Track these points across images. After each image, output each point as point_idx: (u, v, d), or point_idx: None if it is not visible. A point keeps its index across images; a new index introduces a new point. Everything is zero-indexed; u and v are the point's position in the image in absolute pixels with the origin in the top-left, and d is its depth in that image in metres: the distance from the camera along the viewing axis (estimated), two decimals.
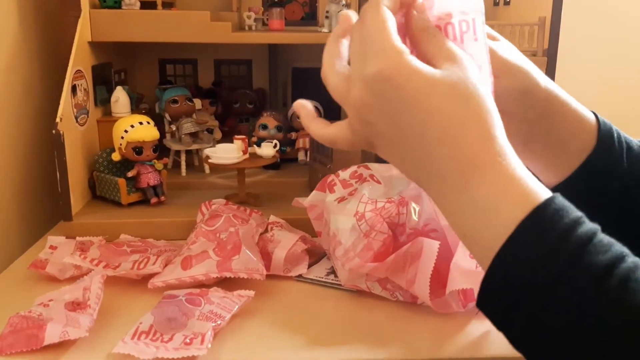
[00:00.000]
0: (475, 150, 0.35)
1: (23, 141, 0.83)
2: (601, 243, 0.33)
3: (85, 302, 0.54)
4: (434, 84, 0.35)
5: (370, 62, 0.36)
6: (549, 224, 0.33)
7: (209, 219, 0.66)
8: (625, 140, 0.50)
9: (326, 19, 0.85)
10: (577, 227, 0.33)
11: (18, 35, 0.82)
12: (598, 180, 0.50)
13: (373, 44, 0.36)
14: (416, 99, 0.35)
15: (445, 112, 0.35)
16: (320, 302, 0.59)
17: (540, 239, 0.33)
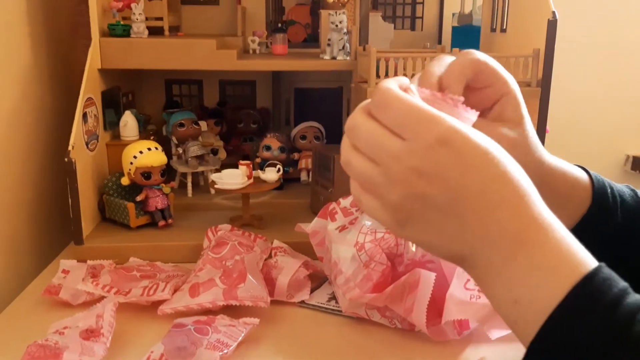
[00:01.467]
0: (534, 213, 0.36)
1: (35, 165, 0.86)
2: None
3: (98, 330, 0.56)
4: (490, 149, 0.36)
5: (424, 132, 0.36)
6: (598, 293, 0.34)
7: (215, 246, 0.68)
8: (619, 194, 0.53)
9: (328, 46, 0.87)
10: (625, 297, 0.35)
11: (31, 62, 0.84)
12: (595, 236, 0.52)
13: (416, 117, 0.36)
14: (477, 164, 0.36)
15: (505, 177, 0.36)
16: (322, 328, 0.62)
17: (590, 308, 0.34)
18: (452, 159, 0.36)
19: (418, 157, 0.36)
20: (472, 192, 0.36)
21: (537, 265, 0.36)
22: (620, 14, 1.31)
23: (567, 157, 1.46)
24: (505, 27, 0.87)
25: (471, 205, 0.36)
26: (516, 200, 0.37)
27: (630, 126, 1.38)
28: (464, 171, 0.36)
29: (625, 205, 0.52)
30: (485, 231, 0.37)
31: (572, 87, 1.32)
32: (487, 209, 0.36)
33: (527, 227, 0.36)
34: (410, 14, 1.18)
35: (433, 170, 0.36)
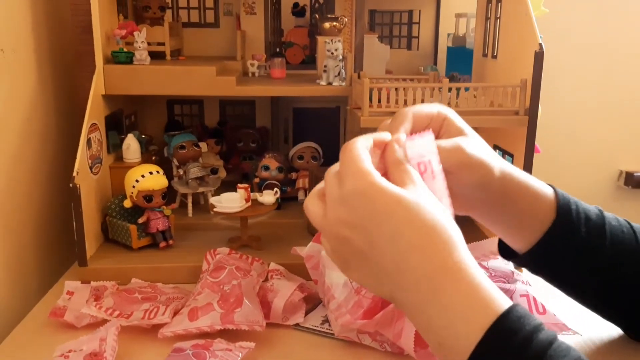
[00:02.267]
0: (444, 257, 0.40)
1: (40, 187, 0.89)
2: (560, 348, 0.38)
3: (102, 354, 0.59)
4: (403, 199, 0.40)
5: (347, 182, 0.41)
6: (511, 332, 0.38)
7: (214, 270, 0.71)
8: (584, 212, 0.56)
9: (324, 72, 0.90)
10: (537, 334, 0.38)
11: (36, 88, 0.88)
12: (558, 249, 0.56)
13: (349, 168, 0.42)
14: (388, 212, 0.40)
15: (415, 223, 0.40)
16: (315, 351, 0.64)
17: (506, 345, 0.38)
18: (368, 208, 0.40)
19: (344, 205, 0.41)
20: (385, 238, 0.41)
21: (452, 309, 0.39)
22: (613, 30, 1.33)
23: (560, 173, 1.50)
24: (495, 53, 0.90)
25: (385, 251, 0.41)
26: (426, 245, 0.40)
27: (623, 142, 1.40)
28: (378, 219, 0.40)
29: (589, 222, 0.56)
30: (399, 276, 0.41)
31: (565, 104, 1.35)
32: (399, 254, 0.40)
33: (437, 272, 0.40)
34: (406, 34, 1.21)
35: (353, 218, 0.41)
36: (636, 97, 1.38)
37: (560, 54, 1.30)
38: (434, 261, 0.40)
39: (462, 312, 0.39)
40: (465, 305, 0.39)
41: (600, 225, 0.57)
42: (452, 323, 0.39)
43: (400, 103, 0.79)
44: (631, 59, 1.36)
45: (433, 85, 0.79)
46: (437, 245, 0.40)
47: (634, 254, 0.57)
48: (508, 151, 0.85)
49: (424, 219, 0.40)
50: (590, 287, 0.59)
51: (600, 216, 0.58)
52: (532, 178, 0.56)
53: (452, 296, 0.39)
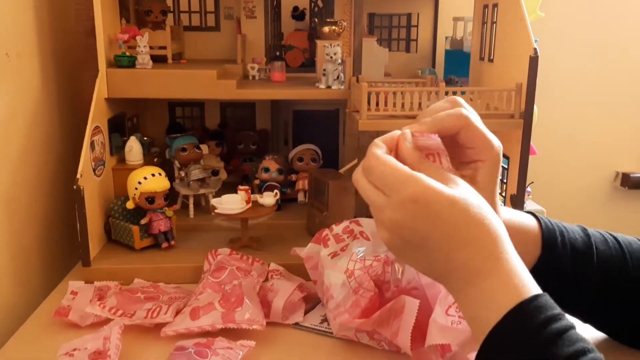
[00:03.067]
0: (491, 249, 0.44)
1: (44, 189, 0.90)
2: (570, 338, 0.41)
3: (105, 352, 0.60)
4: (456, 200, 0.44)
5: (398, 190, 0.44)
6: (529, 317, 0.42)
7: (215, 270, 0.73)
8: (569, 241, 0.58)
9: (323, 75, 0.92)
10: (552, 323, 0.41)
11: (40, 92, 0.89)
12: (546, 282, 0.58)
13: (394, 177, 0.45)
14: (438, 213, 0.44)
15: (469, 221, 0.44)
16: (314, 349, 0.66)
17: (519, 330, 0.42)
18: (422, 213, 0.44)
19: (396, 211, 0.44)
20: (440, 236, 0.44)
21: (489, 292, 0.44)
22: (610, 33, 1.35)
23: (557, 174, 1.51)
24: (492, 57, 0.91)
25: (437, 246, 0.45)
26: (477, 240, 0.44)
27: (620, 143, 1.42)
28: (431, 222, 0.44)
29: (576, 252, 0.58)
30: (449, 263, 0.45)
31: (562, 105, 1.36)
32: (452, 249, 0.44)
33: (484, 263, 0.44)
34: (405, 37, 1.23)
35: (407, 221, 0.44)
36: (633, 98, 1.40)
37: (557, 56, 1.32)
38: (482, 254, 0.44)
39: (495, 294, 0.43)
40: (498, 290, 0.43)
41: (588, 252, 0.59)
42: (484, 303, 0.44)
43: (397, 106, 0.80)
44: (628, 61, 1.37)
45: (430, 89, 0.80)
46: (487, 239, 0.44)
47: (622, 273, 0.59)
48: (504, 153, 0.87)
49: (476, 217, 0.44)
50: (582, 306, 0.61)
51: (587, 242, 0.60)
52: (517, 215, 0.59)
53: (491, 282, 0.44)
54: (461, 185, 0.46)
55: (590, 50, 1.36)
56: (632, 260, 0.59)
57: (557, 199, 1.28)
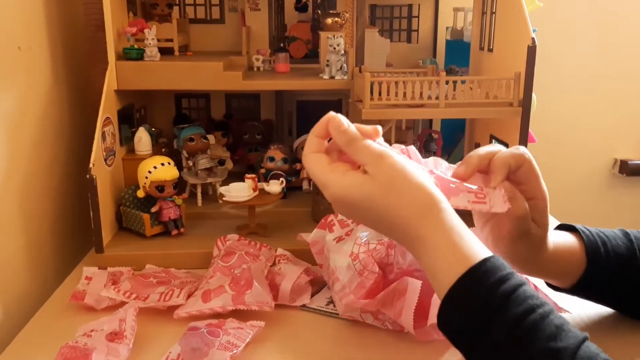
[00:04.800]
0: (416, 229, 0.47)
1: (56, 179, 0.93)
2: (518, 297, 0.44)
3: (122, 333, 0.63)
4: (368, 189, 0.48)
5: (325, 193, 0.51)
6: (479, 281, 0.44)
7: (225, 255, 0.75)
8: (612, 250, 0.61)
9: (327, 66, 0.94)
10: (502, 284, 0.44)
11: (51, 85, 0.92)
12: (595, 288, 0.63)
13: (320, 182, 0.51)
14: (365, 205, 0.49)
15: (387, 205, 0.48)
16: (321, 329, 0.69)
17: (471, 293, 0.44)
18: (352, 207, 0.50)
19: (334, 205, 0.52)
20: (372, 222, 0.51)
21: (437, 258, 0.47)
22: (609, 21, 1.37)
23: (556, 161, 1.54)
24: (492, 47, 0.93)
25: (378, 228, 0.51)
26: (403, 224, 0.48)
27: (618, 130, 1.44)
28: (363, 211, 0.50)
29: (620, 257, 0.61)
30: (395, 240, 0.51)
31: (561, 94, 1.38)
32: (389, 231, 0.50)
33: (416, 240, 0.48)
34: (406, 27, 1.24)
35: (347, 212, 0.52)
36: (631, 86, 1.41)
37: (556, 45, 1.34)
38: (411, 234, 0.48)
39: (440, 267, 0.46)
40: (442, 261, 0.46)
41: (632, 255, 0.62)
42: (434, 275, 0.47)
43: (400, 96, 0.82)
44: (626, 49, 1.39)
45: (431, 79, 0.83)
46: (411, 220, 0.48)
47: None
48: (504, 141, 0.89)
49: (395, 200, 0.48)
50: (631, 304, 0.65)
51: (630, 247, 0.63)
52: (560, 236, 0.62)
53: (430, 257, 0.47)
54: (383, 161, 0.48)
55: (588, 39, 1.37)
56: None
57: (555, 186, 1.30)
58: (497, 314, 0.43)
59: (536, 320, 0.42)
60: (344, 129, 0.51)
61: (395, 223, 0.48)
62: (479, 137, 1.00)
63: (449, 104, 0.83)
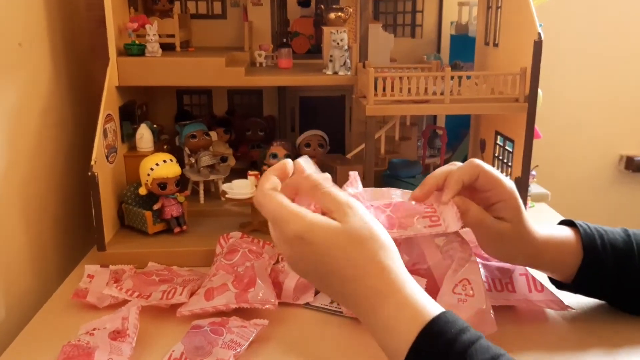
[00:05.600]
0: (375, 282, 0.47)
1: (58, 176, 0.92)
2: (481, 347, 0.44)
3: (124, 331, 0.63)
4: (336, 235, 0.47)
5: (285, 229, 0.48)
6: (440, 333, 0.44)
7: (228, 253, 0.75)
8: (609, 242, 0.62)
9: (330, 62, 0.93)
10: (462, 335, 0.44)
11: (52, 82, 0.91)
12: (593, 282, 0.63)
13: (280, 217, 0.48)
14: (325, 250, 0.48)
15: (349, 257, 0.47)
16: (324, 327, 0.68)
17: (433, 347, 0.44)
18: (309, 250, 0.48)
19: (286, 247, 0.50)
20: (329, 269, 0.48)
21: (387, 322, 0.46)
22: (617, 15, 1.35)
23: (562, 158, 1.53)
24: (497, 42, 0.92)
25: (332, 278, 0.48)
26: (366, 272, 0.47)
27: (624, 127, 1.43)
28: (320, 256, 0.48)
29: (617, 251, 0.62)
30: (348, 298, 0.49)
31: (566, 90, 1.37)
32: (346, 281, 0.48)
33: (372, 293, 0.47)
34: (410, 22, 1.23)
35: (297, 256, 0.49)
36: (638, 82, 1.40)
37: (562, 40, 1.33)
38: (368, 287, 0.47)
39: (396, 323, 0.46)
40: (399, 317, 0.46)
41: (629, 249, 0.63)
42: (389, 332, 0.47)
43: (404, 91, 0.82)
44: (633, 45, 1.38)
45: (436, 74, 0.82)
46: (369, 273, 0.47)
47: None
48: (509, 137, 0.88)
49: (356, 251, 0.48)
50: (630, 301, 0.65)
51: (627, 241, 0.63)
52: (556, 230, 0.63)
53: (386, 312, 0.47)
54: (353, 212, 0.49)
55: (595, 34, 1.36)
56: None
57: (561, 182, 1.30)
58: None
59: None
60: (306, 174, 0.52)
61: (351, 275, 0.47)
62: (484, 134, 0.99)
63: (454, 99, 0.82)
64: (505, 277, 0.70)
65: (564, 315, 0.68)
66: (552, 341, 0.64)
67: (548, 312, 0.69)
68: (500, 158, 0.92)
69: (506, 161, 0.89)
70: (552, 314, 0.69)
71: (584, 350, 0.62)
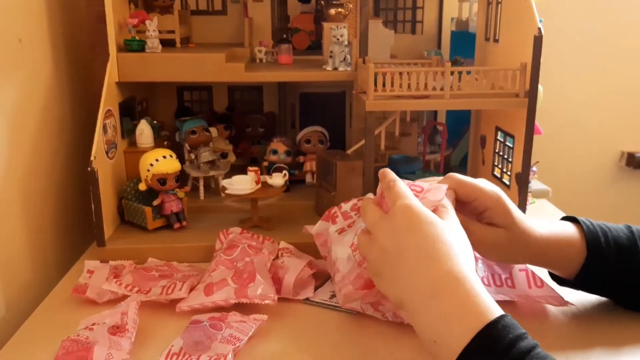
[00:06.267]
0: (449, 266, 0.48)
1: (58, 172, 0.92)
2: (538, 355, 0.43)
3: (124, 326, 0.63)
4: (430, 222, 0.51)
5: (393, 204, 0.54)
6: (497, 338, 0.44)
7: (227, 248, 0.75)
8: (613, 239, 0.62)
9: (330, 58, 0.93)
10: (520, 342, 0.43)
11: (52, 78, 0.91)
12: (596, 278, 0.63)
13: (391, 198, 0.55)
14: (415, 228, 0.50)
15: (430, 242, 0.49)
16: (324, 323, 0.68)
17: (490, 350, 0.43)
18: (404, 222, 0.51)
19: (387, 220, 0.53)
20: (411, 245, 0.50)
21: (450, 313, 0.46)
22: (618, 10, 1.35)
23: (563, 154, 1.52)
24: (497, 37, 0.92)
25: (407, 257, 0.50)
26: (439, 256, 0.49)
27: (625, 123, 1.43)
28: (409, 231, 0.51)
29: (620, 247, 0.62)
30: (412, 279, 0.49)
31: (567, 86, 1.37)
32: (416, 261, 0.49)
33: (442, 278, 0.48)
34: (410, 19, 1.23)
35: (392, 229, 0.52)
36: (639, 78, 1.40)
37: (563, 36, 1.32)
38: (441, 269, 0.48)
39: (458, 315, 0.46)
40: (462, 309, 0.46)
41: (633, 246, 0.63)
42: (448, 324, 0.46)
43: (404, 87, 0.81)
44: (634, 42, 1.37)
45: (436, 70, 0.82)
46: (447, 257, 0.49)
47: None
48: (509, 132, 0.88)
49: (442, 238, 0.50)
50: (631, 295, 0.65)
51: (631, 238, 0.63)
52: (558, 227, 0.63)
53: (451, 300, 0.47)
54: (452, 219, 0.53)
55: (596, 30, 1.36)
56: None
57: (562, 179, 1.29)
58: None
59: None
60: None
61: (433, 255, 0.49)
62: (485, 130, 0.98)
63: (454, 94, 0.82)
64: (505, 272, 0.70)
65: (563, 311, 0.68)
66: (552, 337, 0.64)
67: (548, 308, 0.69)
68: (500, 154, 0.92)
69: (506, 157, 0.89)
70: (552, 309, 0.69)
71: (584, 346, 0.62)
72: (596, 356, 0.61)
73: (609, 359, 0.60)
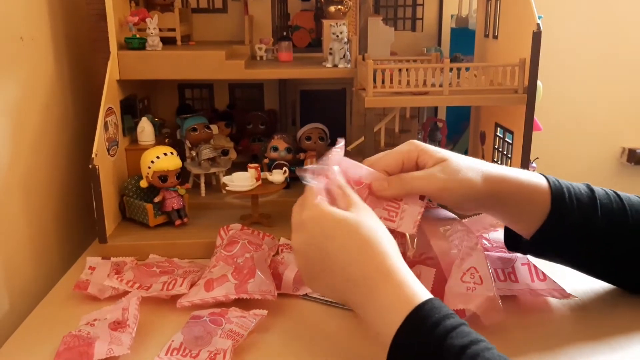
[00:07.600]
0: (373, 267, 0.51)
1: (60, 169, 0.93)
2: (462, 332, 0.46)
3: (125, 322, 0.63)
4: (342, 221, 0.54)
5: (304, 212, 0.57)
6: (424, 317, 0.47)
7: (227, 244, 0.75)
8: (575, 196, 0.62)
9: (330, 55, 0.93)
10: (445, 321, 0.47)
11: (54, 75, 0.91)
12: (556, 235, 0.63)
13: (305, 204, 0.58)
14: (332, 233, 0.53)
15: (351, 242, 0.52)
16: (323, 318, 0.68)
17: (418, 329, 0.47)
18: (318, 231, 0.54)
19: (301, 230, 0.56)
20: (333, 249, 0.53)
21: (383, 303, 0.50)
22: (617, 6, 1.35)
23: (563, 150, 1.52)
24: (496, 34, 0.92)
25: (334, 261, 0.53)
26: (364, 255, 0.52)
27: (625, 119, 1.42)
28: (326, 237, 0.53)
29: (582, 206, 0.62)
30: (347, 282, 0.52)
31: (568, 82, 1.37)
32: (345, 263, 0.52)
33: (372, 275, 0.51)
34: (410, 16, 1.23)
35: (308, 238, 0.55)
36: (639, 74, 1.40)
37: (562, 31, 1.32)
38: (370, 267, 0.51)
39: (389, 304, 0.49)
40: (393, 299, 0.49)
41: (592, 204, 0.63)
42: (382, 314, 0.49)
43: (403, 83, 0.82)
44: (635, 36, 1.37)
45: (435, 66, 0.82)
46: (372, 254, 0.52)
47: (624, 223, 0.63)
48: (508, 128, 0.88)
49: (362, 235, 0.53)
50: (590, 260, 0.66)
51: (591, 196, 0.64)
52: (524, 174, 0.62)
53: (383, 293, 0.50)
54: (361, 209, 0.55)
55: (595, 26, 1.35)
56: (632, 212, 0.64)
57: (562, 175, 1.28)
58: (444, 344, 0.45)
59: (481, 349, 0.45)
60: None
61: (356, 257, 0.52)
62: (484, 126, 0.99)
63: (453, 91, 0.82)
64: (508, 266, 0.70)
65: (566, 304, 0.69)
66: (555, 329, 0.64)
67: (550, 301, 0.69)
68: (500, 150, 0.92)
69: (506, 153, 0.89)
70: (555, 302, 0.69)
71: (586, 338, 0.62)
72: (599, 348, 0.61)
73: (612, 350, 0.60)
